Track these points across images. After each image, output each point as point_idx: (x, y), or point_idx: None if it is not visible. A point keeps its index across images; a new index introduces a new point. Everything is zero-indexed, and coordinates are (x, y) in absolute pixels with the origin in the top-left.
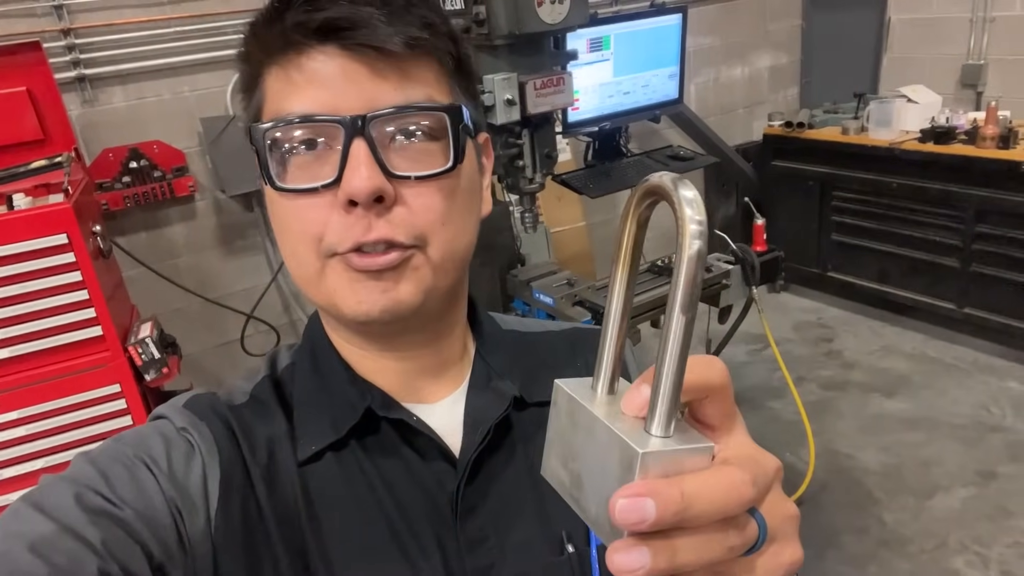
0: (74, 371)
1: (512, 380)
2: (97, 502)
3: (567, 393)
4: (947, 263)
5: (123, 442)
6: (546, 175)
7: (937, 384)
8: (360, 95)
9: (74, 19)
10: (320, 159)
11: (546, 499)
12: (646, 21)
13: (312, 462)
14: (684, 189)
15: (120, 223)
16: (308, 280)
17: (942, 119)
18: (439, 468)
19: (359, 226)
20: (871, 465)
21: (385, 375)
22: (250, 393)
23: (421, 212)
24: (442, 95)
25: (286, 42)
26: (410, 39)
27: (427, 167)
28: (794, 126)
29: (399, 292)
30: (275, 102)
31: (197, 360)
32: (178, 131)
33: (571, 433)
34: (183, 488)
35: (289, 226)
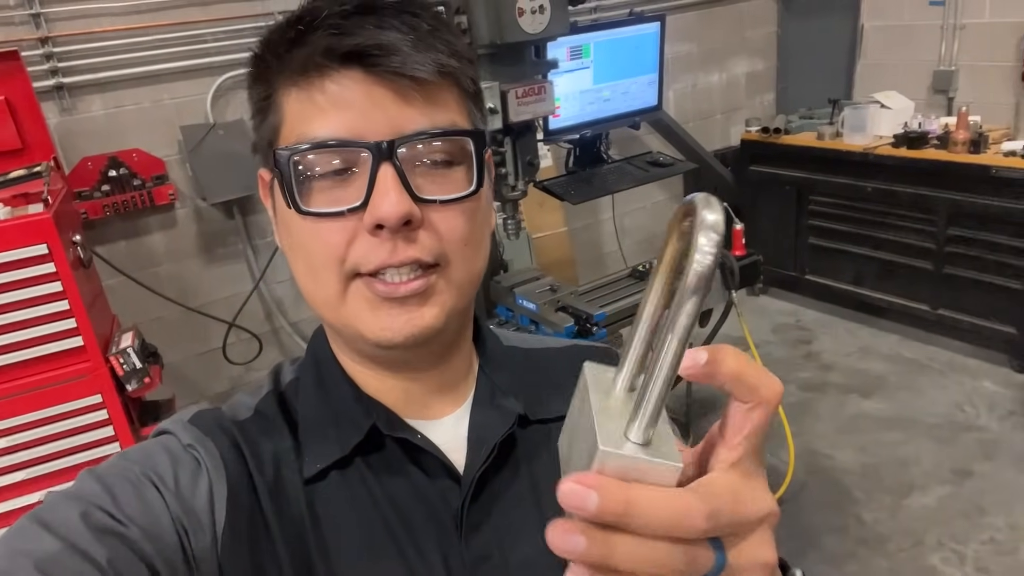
0: (55, 382)
1: (516, 398)
2: (103, 520)
3: (586, 378)
4: (921, 265)
5: (129, 459)
6: (528, 182)
7: (913, 384)
8: (386, 120)
9: (52, 27)
10: (345, 183)
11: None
12: (625, 29)
13: (318, 480)
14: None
15: (100, 232)
16: (327, 303)
17: (915, 124)
18: (444, 485)
19: (384, 248)
20: (849, 465)
21: (390, 393)
22: (255, 408)
23: (446, 234)
24: (463, 119)
25: (310, 65)
26: (439, 66)
27: (452, 191)
28: (771, 131)
29: (424, 317)
30: (296, 124)
31: (179, 369)
32: (158, 139)
33: (578, 414)
34: (189, 506)
35: (311, 249)
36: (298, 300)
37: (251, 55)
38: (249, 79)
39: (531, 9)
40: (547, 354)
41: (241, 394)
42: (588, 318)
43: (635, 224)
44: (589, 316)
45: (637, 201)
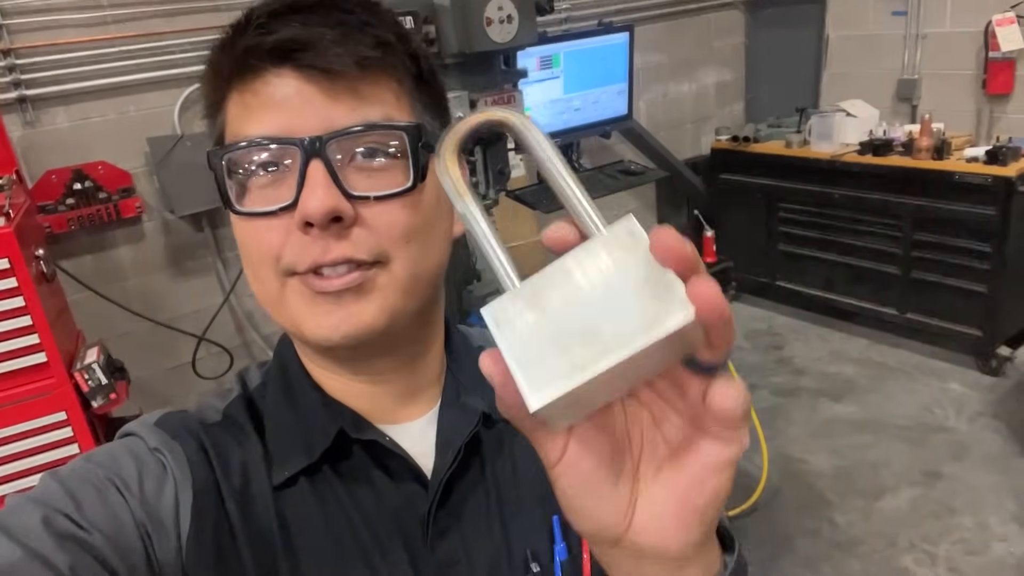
0: (17, 399)
1: (481, 396)
2: (65, 526)
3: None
4: (888, 270)
5: (93, 462)
6: (500, 191)
7: (883, 388)
8: (316, 117)
9: (14, 39)
10: (278, 181)
11: (509, 519)
12: (594, 40)
13: (286, 487)
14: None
15: (64, 246)
16: (271, 302)
17: (880, 132)
18: (411, 490)
19: (316, 246)
20: (822, 468)
21: (358, 398)
22: (223, 412)
23: (383, 230)
24: (401, 113)
25: (242, 66)
26: (361, 59)
27: (387, 186)
28: (740, 140)
29: (361, 314)
30: (234, 127)
31: (147, 384)
32: (124, 151)
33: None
34: (154, 511)
35: (249, 248)
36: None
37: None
38: (199, 83)
39: (499, 19)
40: None
41: (209, 397)
42: None
43: None
44: None
45: (610, 210)
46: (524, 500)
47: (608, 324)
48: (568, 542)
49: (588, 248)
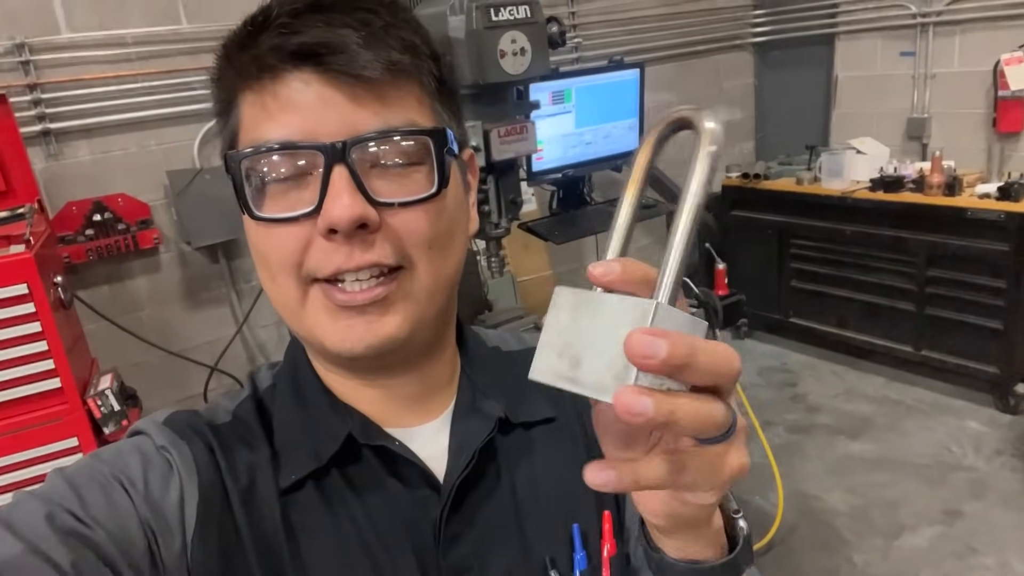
0: (31, 424)
1: (497, 401)
2: (69, 522)
3: (571, 292)
4: (903, 307)
5: (100, 459)
6: (511, 220)
7: (899, 425)
8: (339, 121)
9: (41, 74)
10: (299, 186)
11: (528, 525)
12: (605, 76)
13: (293, 490)
14: (708, 115)
15: (83, 276)
16: (290, 310)
17: (890, 169)
18: (422, 495)
19: (340, 253)
20: (839, 506)
21: (369, 402)
22: (232, 413)
23: (406, 236)
24: (424, 118)
25: (260, 66)
26: (389, 64)
27: (411, 192)
28: (751, 177)
29: (385, 326)
30: (250, 129)
31: None
32: (144, 184)
33: (571, 324)
34: (159, 510)
35: (268, 254)
36: (281, 344)
37: (215, 57)
38: (209, 82)
39: (512, 51)
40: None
41: (219, 397)
42: None
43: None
44: None
45: None
46: (543, 507)
47: (588, 362)
48: (588, 551)
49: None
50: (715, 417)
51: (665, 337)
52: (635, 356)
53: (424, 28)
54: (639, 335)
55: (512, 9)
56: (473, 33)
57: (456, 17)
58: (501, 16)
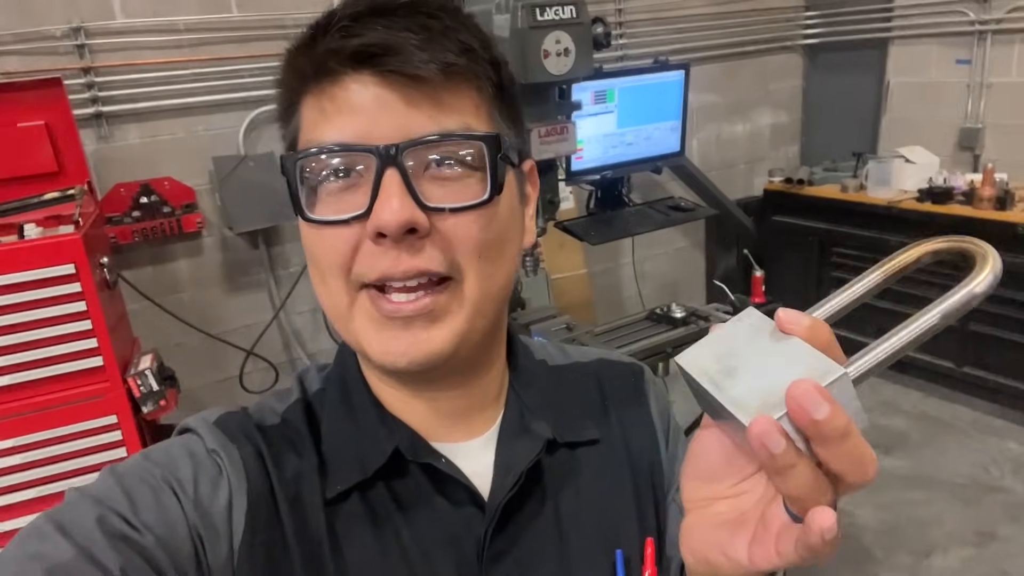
0: (72, 400)
1: (546, 420)
2: (119, 526)
3: (762, 317)
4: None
5: (151, 459)
6: (548, 220)
7: (936, 443)
8: (394, 123)
9: (95, 58)
10: (352, 189)
11: (571, 548)
12: (650, 76)
13: (339, 501)
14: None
15: (127, 256)
16: (339, 315)
17: (940, 180)
18: (467, 512)
19: (388, 258)
20: (869, 522)
21: (417, 415)
22: (281, 416)
23: (456, 243)
24: (480, 123)
25: (320, 69)
26: (446, 66)
27: (463, 198)
28: (794, 182)
29: (430, 341)
30: (309, 131)
31: (195, 395)
32: (190, 169)
33: (745, 340)
34: (207, 515)
35: (319, 256)
36: (316, 331)
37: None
38: (274, 85)
39: (556, 52)
40: (575, 370)
41: (268, 398)
42: None
43: (655, 269)
44: None
45: (658, 246)
46: (586, 531)
47: (742, 378)
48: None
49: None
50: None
51: (831, 402)
52: (794, 401)
53: (485, 34)
54: (810, 386)
55: (558, 9)
56: (517, 32)
57: (501, 16)
58: (546, 16)
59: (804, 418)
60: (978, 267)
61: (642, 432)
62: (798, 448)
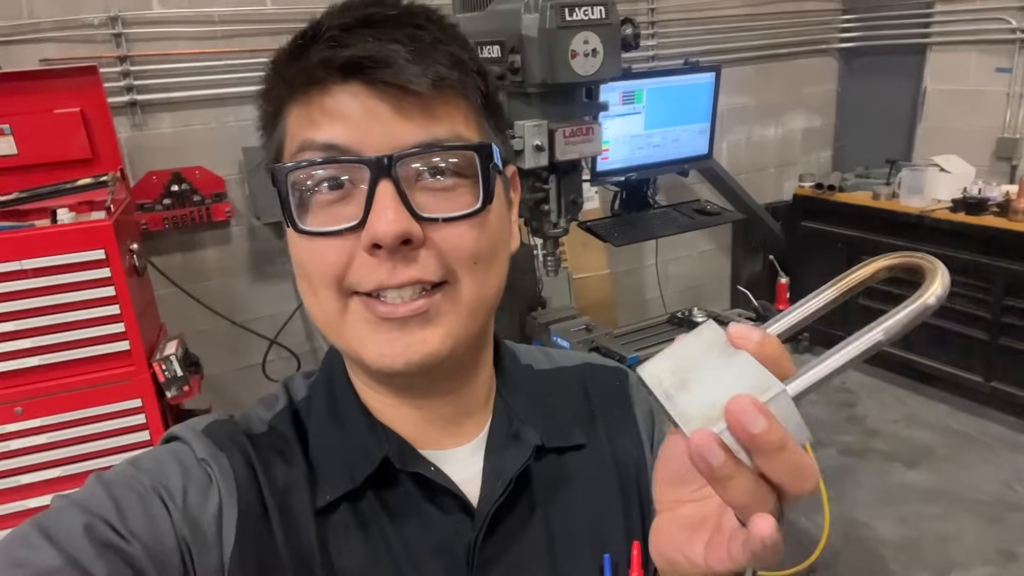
0: (98, 383)
1: (534, 426)
2: (106, 534)
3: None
4: (975, 335)
5: (140, 468)
6: (571, 220)
7: (960, 458)
8: (385, 134)
9: (131, 47)
10: (343, 199)
11: (560, 553)
12: (680, 78)
13: (328, 511)
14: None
15: (157, 243)
16: (329, 323)
17: (975, 190)
18: (456, 520)
19: (383, 269)
20: (888, 536)
21: (405, 422)
22: (268, 423)
23: (451, 252)
24: (471, 132)
25: (309, 79)
26: (437, 78)
27: (456, 207)
28: (825, 188)
29: (426, 342)
30: (295, 137)
31: (218, 381)
32: (220, 158)
33: (701, 354)
34: (197, 525)
35: (309, 267)
36: None
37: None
38: (257, 95)
39: (584, 52)
40: (560, 375)
41: (255, 405)
42: (621, 360)
43: (679, 272)
44: (622, 358)
45: (682, 249)
46: (575, 536)
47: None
48: None
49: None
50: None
51: (767, 417)
52: (732, 415)
53: (471, 44)
54: (747, 401)
55: (587, 9)
56: (545, 32)
57: (530, 15)
58: (575, 16)
59: (742, 432)
60: (928, 281)
61: (627, 436)
62: (737, 460)
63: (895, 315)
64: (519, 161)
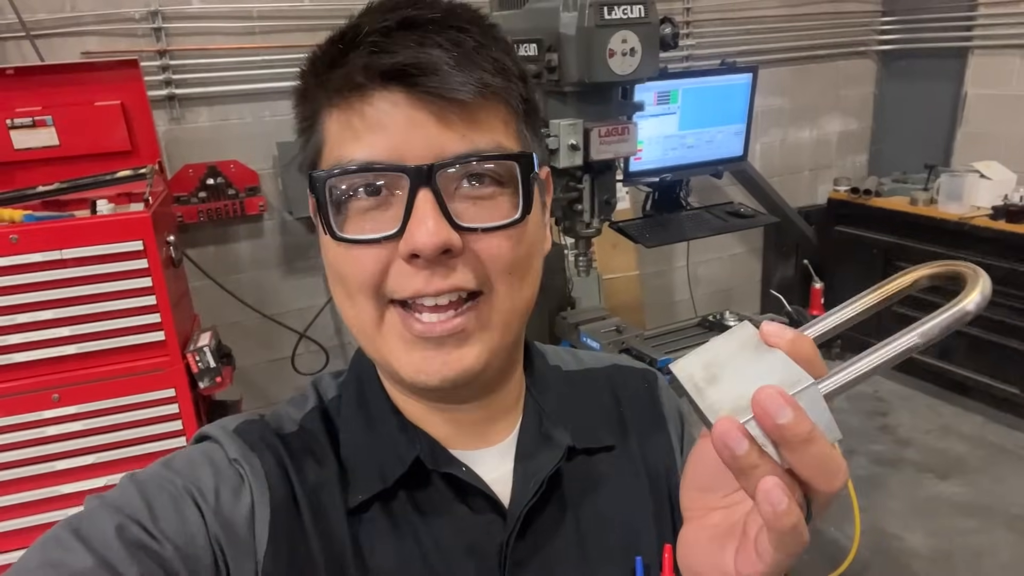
0: (133, 372)
1: (564, 427)
2: (138, 536)
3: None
4: (1013, 345)
5: (172, 468)
6: (603, 221)
7: (995, 470)
8: (426, 142)
9: (171, 41)
10: (381, 207)
11: (591, 555)
12: (716, 78)
13: (360, 511)
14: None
15: (192, 235)
16: (365, 332)
17: (1016, 197)
18: (488, 519)
19: (420, 277)
20: (919, 549)
21: (435, 424)
22: (299, 423)
23: (488, 262)
24: (510, 140)
25: (349, 85)
26: (482, 87)
27: (495, 217)
28: (860, 192)
29: (462, 360)
30: (336, 148)
31: (249, 373)
32: (255, 153)
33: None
34: (229, 525)
35: (346, 275)
36: None
37: (299, 72)
38: (295, 98)
39: (622, 51)
40: (589, 376)
41: (284, 405)
42: (652, 362)
43: (709, 274)
44: (653, 360)
45: (714, 251)
46: (606, 538)
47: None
48: None
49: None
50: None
51: (795, 408)
52: (759, 405)
53: (513, 49)
54: (774, 391)
55: (626, 8)
56: (584, 31)
57: (568, 13)
58: (614, 15)
59: (768, 422)
60: (968, 287)
61: (657, 438)
62: (762, 451)
63: (932, 319)
64: (553, 160)
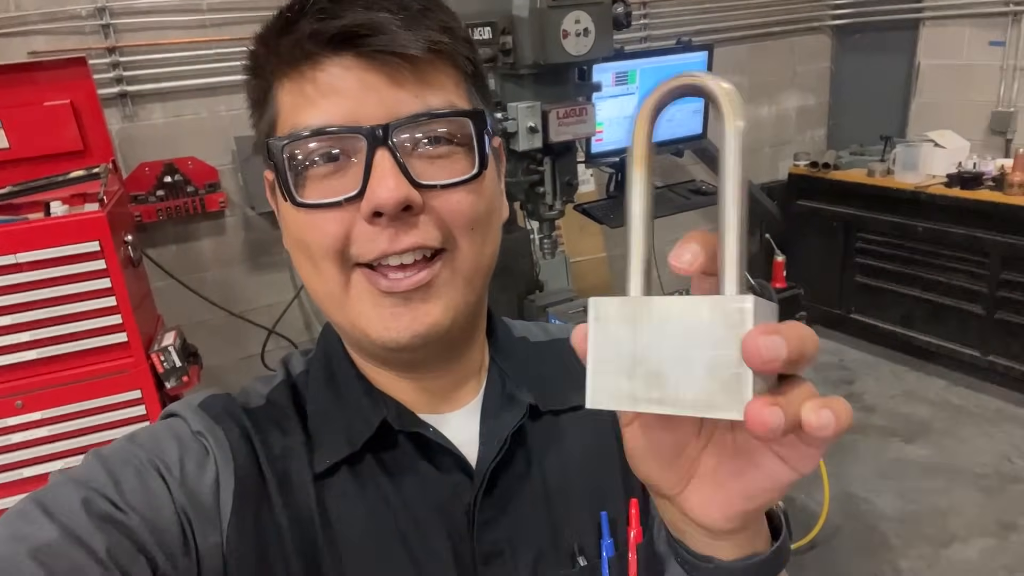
0: (97, 375)
1: (527, 388)
2: (104, 508)
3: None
4: (972, 309)
5: (136, 443)
6: (566, 202)
7: (959, 432)
8: (380, 104)
9: (120, 38)
10: (340, 171)
11: (558, 512)
12: (672, 58)
13: (327, 476)
14: (723, 81)
15: (152, 235)
16: (332, 298)
17: (969, 165)
18: (455, 480)
19: (384, 236)
20: (887, 511)
21: (402, 391)
22: (266, 397)
23: (450, 218)
24: (462, 100)
25: (300, 53)
26: (431, 44)
27: (453, 174)
28: (820, 166)
29: (429, 315)
30: (291, 116)
31: (217, 372)
32: (213, 149)
33: (631, 338)
34: (194, 496)
35: (309, 241)
36: None
37: (248, 46)
38: (245, 74)
39: (576, 32)
40: (555, 346)
41: (253, 381)
42: None
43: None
44: None
45: (679, 230)
46: (572, 494)
47: (674, 377)
48: (615, 539)
49: (700, 302)
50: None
51: (778, 333)
52: (759, 359)
53: (456, 15)
54: (763, 338)
55: None
56: (537, 12)
57: None
58: None
59: (775, 365)
60: (718, 97)
61: None
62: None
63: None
64: (513, 143)
